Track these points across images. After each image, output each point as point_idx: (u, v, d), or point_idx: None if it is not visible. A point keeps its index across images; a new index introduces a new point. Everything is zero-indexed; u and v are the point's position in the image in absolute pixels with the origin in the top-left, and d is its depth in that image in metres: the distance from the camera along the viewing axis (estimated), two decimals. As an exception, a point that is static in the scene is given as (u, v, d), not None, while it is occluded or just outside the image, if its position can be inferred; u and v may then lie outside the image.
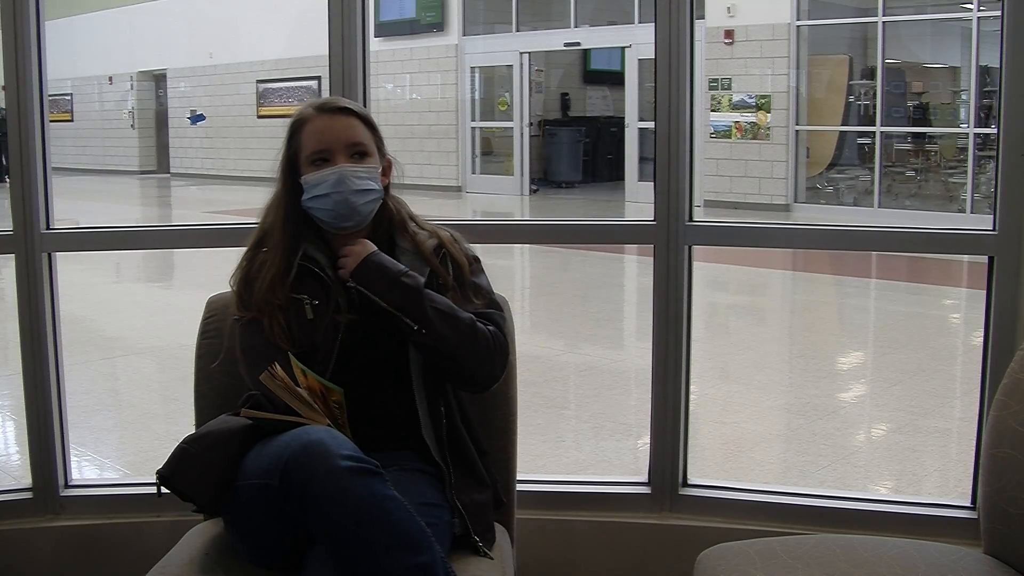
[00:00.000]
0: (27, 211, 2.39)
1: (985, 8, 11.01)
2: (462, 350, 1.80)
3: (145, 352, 6.06)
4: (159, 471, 1.68)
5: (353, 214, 1.84)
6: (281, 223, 1.87)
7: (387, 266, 1.80)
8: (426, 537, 1.57)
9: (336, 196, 1.82)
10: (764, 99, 12.39)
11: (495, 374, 1.87)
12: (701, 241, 2.37)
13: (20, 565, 2.43)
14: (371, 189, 1.85)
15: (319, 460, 1.53)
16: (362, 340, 1.82)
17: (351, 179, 1.82)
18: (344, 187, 1.82)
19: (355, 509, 1.52)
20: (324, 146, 1.84)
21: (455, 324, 1.80)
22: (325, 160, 1.84)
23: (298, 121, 1.88)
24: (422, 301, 1.78)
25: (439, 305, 1.80)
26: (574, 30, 14.86)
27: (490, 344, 1.83)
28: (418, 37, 15.50)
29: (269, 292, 1.81)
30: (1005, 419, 1.70)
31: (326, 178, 1.82)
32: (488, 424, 1.98)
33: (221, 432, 1.70)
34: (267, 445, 1.63)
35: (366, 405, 1.82)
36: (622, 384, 5.22)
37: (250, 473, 1.63)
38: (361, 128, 1.88)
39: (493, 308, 1.91)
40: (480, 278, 1.93)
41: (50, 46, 2.42)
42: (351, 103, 1.94)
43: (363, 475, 1.54)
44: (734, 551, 1.73)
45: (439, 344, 1.79)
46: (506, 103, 15.29)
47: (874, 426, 4.62)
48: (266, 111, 17.35)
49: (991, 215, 2.20)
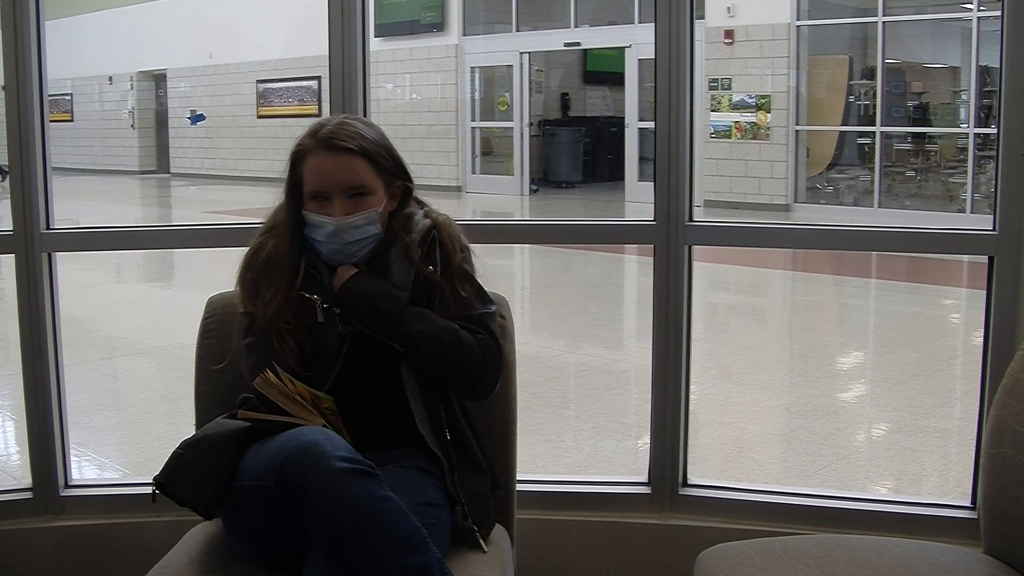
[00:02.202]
0: (27, 211, 2.38)
1: (985, 8, 11.01)
2: (448, 368, 1.82)
3: (145, 352, 6.06)
4: (156, 477, 1.68)
5: (348, 255, 1.85)
6: (289, 231, 1.87)
7: (366, 292, 1.82)
8: (422, 538, 1.57)
9: (331, 245, 1.84)
10: (764, 99, 12.39)
11: (487, 385, 1.87)
12: (701, 241, 2.37)
13: (20, 565, 2.43)
14: (367, 236, 1.85)
15: (314, 461, 1.53)
16: (360, 348, 1.83)
17: (346, 231, 1.82)
18: (339, 239, 1.83)
19: (350, 510, 1.52)
20: (322, 188, 1.82)
21: (440, 344, 1.80)
22: (325, 198, 1.83)
23: (299, 151, 1.85)
24: (402, 325, 1.80)
25: (421, 326, 1.81)
26: (574, 30, 14.86)
27: (477, 356, 1.83)
28: (418, 37, 15.50)
29: (276, 315, 1.81)
30: (1005, 419, 1.70)
31: (323, 225, 1.82)
32: (488, 424, 1.98)
33: (217, 436, 1.70)
34: (263, 447, 1.63)
35: (363, 406, 1.82)
36: (622, 384, 5.22)
37: (246, 475, 1.63)
38: (362, 167, 1.83)
39: (484, 304, 1.91)
40: (470, 267, 1.93)
41: (50, 46, 2.41)
42: (354, 135, 1.85)
43: (358, 476, 1.54)
44: (734, 551, 1.73)
45: (425, 365, 1.81)
46: (506, 103, 15.30)
47: (874, 426, 4.62)
48: (266, 111, 17.37)
49: (991, 215, 2.20)
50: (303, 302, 1.83)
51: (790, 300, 8.23)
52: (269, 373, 1.69)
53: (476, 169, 15.72)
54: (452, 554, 1.74)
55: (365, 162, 1.84)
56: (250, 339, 1.84)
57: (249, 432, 1.68)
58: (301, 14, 13.78)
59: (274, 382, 1.68)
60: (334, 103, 2.34)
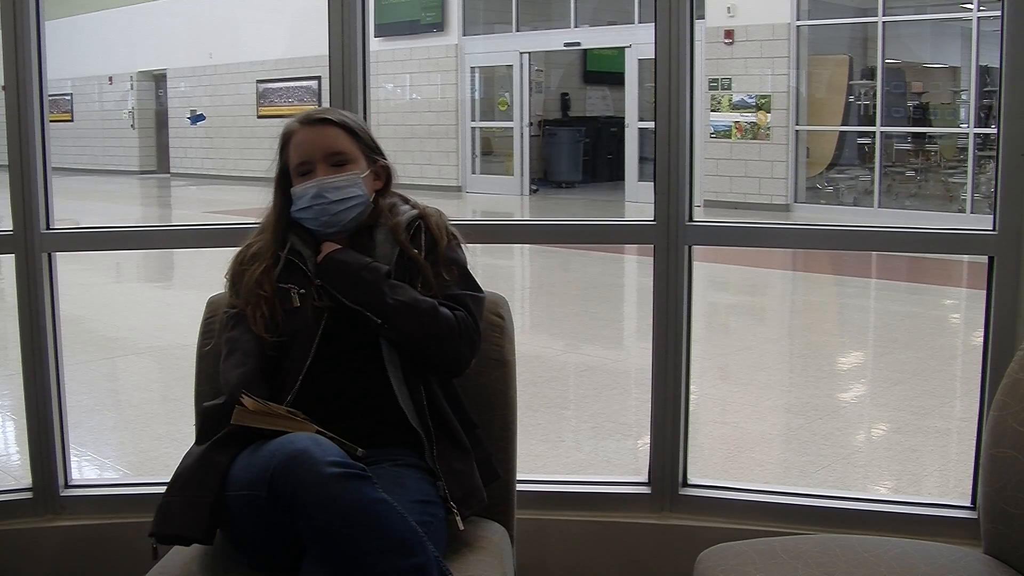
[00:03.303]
0: (27, 211, 2.39)
1: (985, 8, 11.02)
2: (425, 339, 1.83)
3: (145, 352, 6.06)
4: (149, 532, 1.71)
5: (335, 222, 1.90)
6: (273, 225, 1.94)
7: (347, 262, 1.86)
8: (419, 538, 1.57)
9: (316, 208, 1.89)
10: (764, 99, 12.39)
11: (462, 360, 1.88)
12: (701, 241, 2.37)
13: (20, 565, 2.43)
14: (351, 196, 1.89)
15: (306, 469, 1.54)
16: (340, 327, 1.85)
17: (329, 191, 1.88)
18: (322, 199, 1.88)
19: (344, 515, 1.52)
20: (305, 157, 1.91)
21: (416, 315, 1.82)
22: (309, 171, 1.91)
23: (285, 135, 1.96)
24: (380, 295, 1.82)
25: (400, 296, 1.83)
26: (574, 30, 14.86)
27: (455, 330, 1.85)
28: (418, 37, 15.50)
29: (256, 284, 1.87)
30: (1005, 419, 1.70)
31: (306, 191, 1.90)
32: (488, 424, 1.98)
33: (192, 467, 1.72)
34: (253, 455, 1.64)
35: (343, 385, 1.84)
36: (622, 384, 5.22)
37: (238, 485, 1.64)
38: (342, 137, 1.93)
39: (469, 288, 1.93)
40: (457, 253, 1.95)
41: (50, 46, 2.41)
42: (334, 112, 2.00)
43: (350, 480, 1.55)
44: (734, 551, 1.73)
45: (401, 337, 1.82)
46: (506, 103, 15.29)
47: (874, 426, 4.62)
48: (266, 111, 17.35)
49: (991, 215, 2.20)
50: (280, 293, 1.87)
51: (790, 300, 8.23)
52: (245, 400, 1.70)
53: (476, 169, 15.72)
54: (452, 553, 1.74)
55: (344, 132, 1.94)
56: (230, 333, 1.88)
57: (226, 442, 1.70)
58: (301, 14, 13.79)
59: (253, 407, 1.69)
60: (334, 103, 2.34)
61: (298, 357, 1.82)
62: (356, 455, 1.70)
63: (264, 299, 1.86)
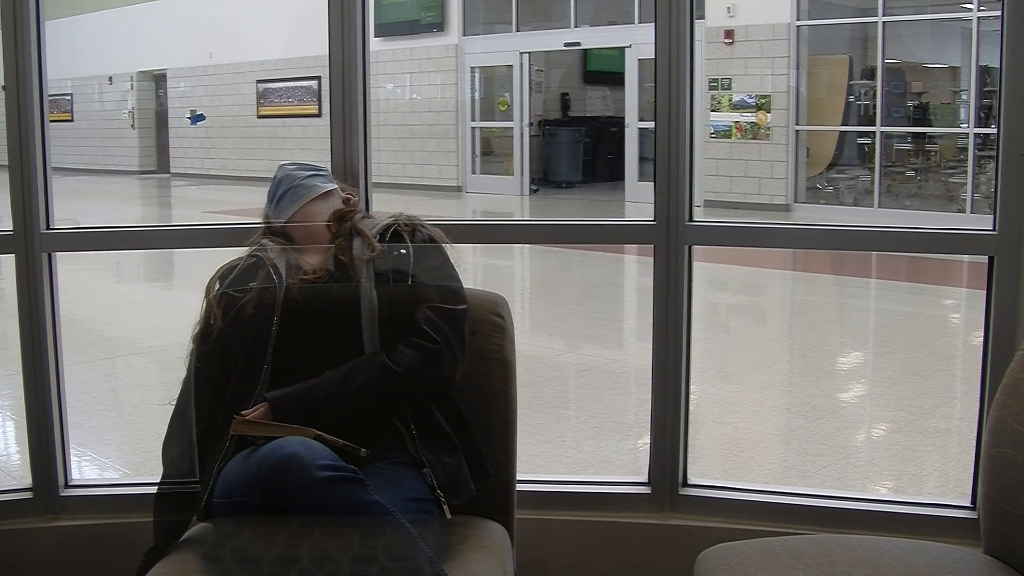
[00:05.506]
0: (27, 211, 2.39)
1: (985, 8, 11.01)
2: (399, 400, 1.83)
3: (146, 352, 6.06)
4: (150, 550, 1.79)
5: (301, 188, 2.01)
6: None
7: (289, 394, 1.81)
8: (412, 539, 1.57)
9: (282, 177, 2.04)
10: (764, 99, 12.39)
11: (441, 384, 1.86)
12: (701, 241, 2.37)
13: (20, 565, 2.43)
14: (313, 164, 2.07)
15: (297, 473, 1.55)
16: (310, 330, 1.86)
17: (290, 165, 2.08)
18: (284, 171, 2.06)
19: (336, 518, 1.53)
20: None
21: (374, 393, 1.80)
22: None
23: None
24: (337, 402, 1.79)
25: (349, 386, 1.79)
26: (574, 30, 14.85)
27: (417, 369, 1.82)
28: (418, 37, 15.49)
29: (248, 327, 1.88)
30: (1005, 419, 1.70)
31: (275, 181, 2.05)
32: (488, 424, 1.98)
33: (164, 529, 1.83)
34: (246, 461, 1.65)
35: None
36: (622, 384, 5.22)
37: (232, 491, 1.65)
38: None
39: (447, 300, 1.90)
40: (434, 257, 1.96)
41: (50, 46, 2.41)
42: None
43: (342, 483, 1.55)
44: (734, 551, 1.73)
45: (377, 414, 1.82)
46: (506, 103, 15.29)
47: (874, 426, 4.62)
48: (266, 111, 17.34)
49: (991, 215, 2.20)
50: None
51: (790, 300, 8.23)
52: (240, 414, 1.73)
53: (476, 169, 15.71)
54: (452, 553, 1.74)
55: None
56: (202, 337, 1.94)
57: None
58: (301, 14, 13.78)
59: (250, 417, 1.72)
60: (334, 103, 2.34)
61: (257, 361, 1.85)
62: (360, 455, 1.70)
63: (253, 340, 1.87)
